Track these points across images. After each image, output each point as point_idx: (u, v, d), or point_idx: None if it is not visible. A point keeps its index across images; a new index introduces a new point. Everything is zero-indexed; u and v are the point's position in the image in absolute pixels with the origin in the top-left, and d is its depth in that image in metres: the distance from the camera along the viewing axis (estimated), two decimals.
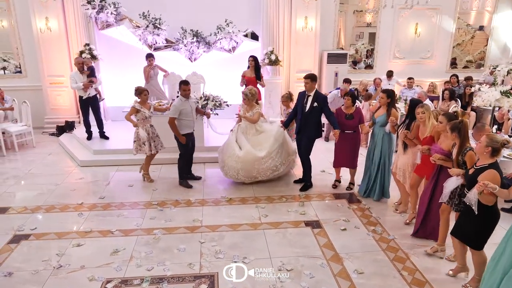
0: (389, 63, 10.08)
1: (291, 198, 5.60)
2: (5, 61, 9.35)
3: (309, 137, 5.66)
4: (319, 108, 5.49)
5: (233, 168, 5.77)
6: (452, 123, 3.72)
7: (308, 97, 5.53)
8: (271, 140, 5.79)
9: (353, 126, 5.53)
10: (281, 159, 5.87)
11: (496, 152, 3.25)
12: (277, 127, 5.93)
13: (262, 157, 5.68)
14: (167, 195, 5.71)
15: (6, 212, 5.26)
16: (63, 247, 4.39)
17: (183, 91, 5.75)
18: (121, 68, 8.93)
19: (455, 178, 3.67)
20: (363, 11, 10.12)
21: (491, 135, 3.33)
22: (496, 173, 3.19)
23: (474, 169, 3.37)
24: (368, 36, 10.33)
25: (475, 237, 3.43)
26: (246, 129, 5.92)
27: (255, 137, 5.87)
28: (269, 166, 5.77)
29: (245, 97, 5.92)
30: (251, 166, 5.70)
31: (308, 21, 8.80)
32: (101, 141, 7.65)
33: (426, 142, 4.39)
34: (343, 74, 9.39)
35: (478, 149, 3.32)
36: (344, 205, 5.38)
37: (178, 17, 8.66)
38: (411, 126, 4.69)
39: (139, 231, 4.73)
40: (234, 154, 5.70)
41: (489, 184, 3.02)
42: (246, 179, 5.88)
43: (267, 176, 5.88)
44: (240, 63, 8.35)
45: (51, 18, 8.19)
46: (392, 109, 5.09)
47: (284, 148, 5.93)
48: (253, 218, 5.00)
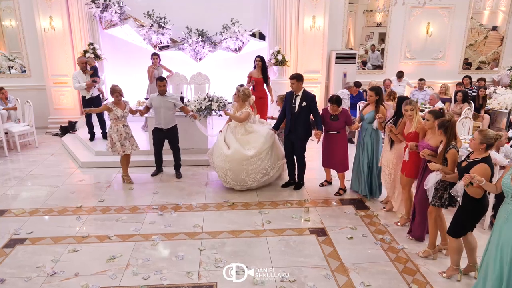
0: (400, 63, 9.80)
1: (296, 203, 5.40)
2: (11, 61, 9.31)
3: (301, 137, 5.59)
4: (307, 108, 5.43)
5: (221, 169, 5.61)
6: (441, 120, 3.74)
7: (296, 97, 5.47)
8: (261, 140, 5.61)
9: (338, 127, 5.46)
10: (270, 162, 5.68)
11: (490, 147, 3.32)
12: (268, 128, 5.82)
13: (251, 156, 5.49)
14: (168, 199, 5.54)
15: (4, 215, 5.14)
16: (59, 252, 4.25)
17: (157, 87, 5.91)
18: (126, 68, 8.81)
19: (435, 174, 3.72)
20: (373, 10, 9.87)
21: (484, 131, 3.34)
22: (487, 167, 3.24)
23: (467, 162, 3.40)
24: (378, 36, 10.08)
25: (457, 223, 3.52)
26: (235, 129, 5.76)
27: (244, 137, 5.69)
28: (258, 168, 5.57)
29: (237, 92, 5.79)
30: (239, 166, 5.50)
31: (316, 20, 8.57)
32: (104, 142, 7.49)
33: (410, 137, 4.39)
34: (351, 75, 9.17)
35: (473, 146, 3.36)
36: (351, 211, 5.16)
37: (183, 16, 8.50)
38: (398, 123, 4.68)
39: (138, 236, 4.56)
40: (222, 153, 5.57)
41: (476, 177, 3.06)
42: (235, 184, 5.66)
43: (257, 181, 5.66)
44: (246, 63, 8.16)
45: (55, 17, 8.10)
46: (380, 106, 5.09)
47: (274, 151, 5.75)
48: (255, 225, 4.80)
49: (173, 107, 6.06)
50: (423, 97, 8.62)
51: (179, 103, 6.17)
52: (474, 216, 3.47)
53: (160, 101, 5.94)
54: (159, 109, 5.97)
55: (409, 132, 4.45)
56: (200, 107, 6.62)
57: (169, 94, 6.11)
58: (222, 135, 5.81)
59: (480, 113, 8.05)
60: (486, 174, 3.19)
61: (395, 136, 4.68)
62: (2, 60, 9.19)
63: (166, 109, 5.97)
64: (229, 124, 5.87)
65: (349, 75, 9.14)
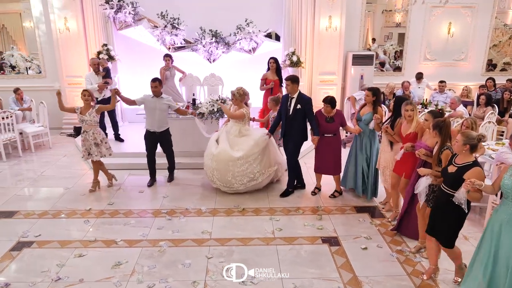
0: (419, 65, 9.47)
1: (309, 210, 5.21)
2: (28, 62, 9.40)
3: (295, 141, 5.45)
4: (302, 111, 5.29)
5: (209, 168, 5.55)
6: (435, 121, 3.72)
7: (292, 100, 5.33)
8: (251, 143, 5.45)
9: (334, 129, 5.35)
10: (259, 168, 5.49)
11: (474, 148, 3.29)
12: (262, 132, 5.70)
13: (237, 158, 5.35)
14: (177, 203, 5.43)
15: (14, 216, 5.13)
16: (65, 257, 4.18)
17: (150, 88, 5.74)
18: (139, 69, 8.78)
19: (425, 178, 3.74)
20: (392, 10, 9.58)
21: (466, 132, 3.33)
22: (481, 170, 3.24)
23: (456, 167, 3.34)
24: (397, 37, 9.78)
25: (450, 236, 3.49)
26: (230, 128, 5.65)
27: (237, 138, 5.55)
28: (245, 172, 5.41)
29: (232, 96, 5.65)
30: (225, 166, 5.38)
31: (333, 20, 8.36)
32: (116, 144, 7.49)
33: (409, 138, 4.35)
34: (369, 76, 8.91)
35: (457, 148, 3.34)
36: (366, 220, 4.94)
37: (197, 17, 8.42)
38: (396, 123, 4.63)
39: (145, 242, 4.46)
40: (210, 152, 5.52)
41: (476, 182, 3.04)
42: (221, 185, 5.54)
43: (244, 185, 5.50)
44: (260, 65, 7.98)
45: (70, 18, 8.11)
46: (378, 107, 5.06)
47: (265, 157, 5.55)
48: (266, 232, 4.64)
49: (167, 109, 5.88)
50: (444, 100, 8.30)
51: (174, 105, 5.94)
52: (463, 220, 3.46)
53: (155, 103, 5.76)
54: (153, 111, 5.77)
55: (408, 133, 4.38)
56: (212, 109, 6.50)
57: (164, 96, 5.90)
58: (217, 134, 5.74)
59: (504, 117, 7.68)
60: (482, 177, 3.18)
61: (391, 137, 4.67)
62: (19, 61, 9.30)
63: (161, 111, 5.79)
64: (227, 124, 5.77)
65: (366, 77, 8.89)
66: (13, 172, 6.67)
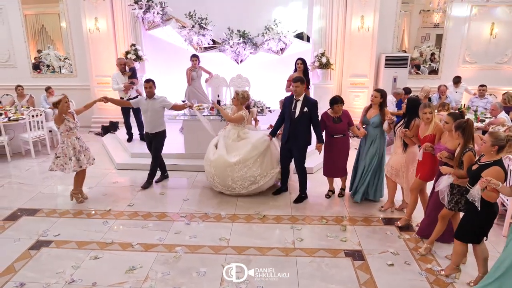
0: (458, 68, 8.93)
1: (333, 219, 4.94)
2: (62, 61, 9.61)
3: (300, 146, 5.25)
4: (309, 114, 5.09)
5: (209, 173, 5.48)
6: (458, 122, 3.67)
7: (297, 102, 5.10)
8: (248, 147, 5.31)
9: (342, 129, 5.24)
10: (260, 170, 5.33)
11: (502, 149, 3.25)
12: (261, 134, 5.53)
13: (234, 163, 5.22)
14: (197, 207, 5.31)
15: (36, 214, 5.18)
16: (80, 258, 4.14)
17: (144, 89, 5.70)
18: (167, 69, 8.77)
19: (446, 177, 3.71)
20: (430, 10, 9.09)
21: (495, 133, 3.29)
22: (500, 170, 3.20)
23: (478, 165, 3.34)
24: (435, 38, 9.27)
25: (475, 232, 3.44)
26: (229, 132, 5.54)
27: (235, 143, 5.43)
28: (244, 176, 5.28)
29: (236, 95, 5.52)
30: (224, 172, 5.28)
31: (365, 20, 8.01)
32: (141, 144, 7.47)
33: (428, 139, 4.28)
34: (402, 79, 8.48)
35: (484, 148, 3.30)
36: (394, 233, 4.61)
37: (225, 17, 8.31)
38: (411, 125, 4.56)
39: (161, 246, 4.36)
40: (208, 158, 5.44)
41: (492, 180, 3.00)
42: (223, 189, 5.47)
43: (246, 189, 5.37)
44: (289, 66, 7.72)
45: (100, 19, 8.21)
46: (385, 109, 5.01)
47: (266, 159, 5.39)
48: (286, 242, 4.42)
49: (161, 110, 5.76)
50: (484, 106, 7.76)
51: (169, 103, 5.80)
52: (483, 221, 3.39)
53: (147, 104, 5.70)
54: (145, 113, 5.75)
55: (425, 135, 4.32)
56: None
57: (157, 96, 5.76)
58: (216, 138, 5.63)
59: None
60: (500, 177, 3.14)
61: (410, 140, 4.58)
62: (54, 60, 9.53)
63: (153, 113, 5.69)
64: (226, 128, 5.65)
65: (399, 80, 8.46)
66: (41, 170, 6.78)
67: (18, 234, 4.65)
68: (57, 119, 5.09)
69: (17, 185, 6.13)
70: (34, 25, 9.36)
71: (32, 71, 9.36)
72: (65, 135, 5.17)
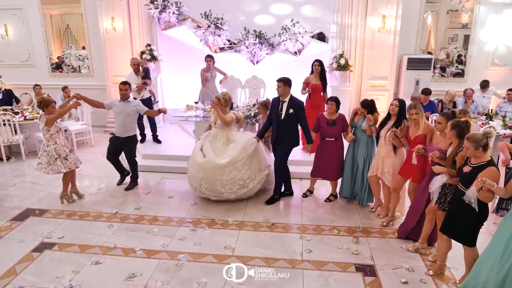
0: (485, 71, 8.44)
1: (345, 230, 4.67)
2: (81, 61, 9.68)
3: (286, 146, 5.22)
4: (295, 116, 5.05)
5: (195, 178, 5.22)
6: (455, 121, 3.63)
7: (283, 103, 5.07)
8: (238, 149, 5.17)
9: (336, 133, 5.16)
10: (249, 173, 5.19)
11: (486, 147, 3.27)
12: (250, 136, 5.43)
13: (224, 165, 5.05)
14: (204, 212, 5.15)
15: (43, 215, 5.14)
16: (81, 263, 4.04)
17: (119, 91, 5.56)
18: (182, 69, 8.69)
19: (440, 177, 3.69)
20: (459, 10, 8.64)
21: (472, 137, 3.28)
22: (496, 170, 3.21)
23: (471, 167, 3.33)
24: (462, 39, 8.82)
25: (470, 234, 3.43)
26: (216, 137, 5.36)
27: (224, 146, 5.28)
28: (234, 179, 5.11)
29: (217, 101, 5.32)
30: (213, 175, 5.07)
31: (387, 21, 7.67)
32: (153, 145, 7.41)
33: (417, 141, 4.25)
34: (426, 82, 8.06)
35: (470, 153, 3.31)
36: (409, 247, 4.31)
37: (241, 17, 8.14)
38: (402, 127, 4.50)
39: (164, 253, 4.21)
40: (195, 161, 5.21)
41: (487, 181, 3.02)
42: (210, 194, 5.23)
43: (235, 193, 5.19)
44: (306, 67, 7.48)
45: (117, 18, 8.18)
46: (375, 113, 4.88)
47: (255, 161, 5.26)
48: (293, 253, 4.19)
49: (134, 114, 5.66)
50: None
51: (143, 108, 5.72)
52: (483, 220, 3.39)
53: (120, 107, 5.56)
54: (118, 115, 5.59)
55: (416, 135, 4.29)
56: (249, 114, 6.18)
57: (132, 100, 5.67)
58: (200, 143, 5.44)
59: None
60: (495, 178, 3.15)
61: (399, 141, 4.51)
62: (73, 60, 9.60)
63: (126, 116, 5.56)
64: (209, 132, 5.48)
65: (422, 83, 8.05)
66: None
67: (23, 235, 4.61)
68: (50, 121, 5.06)
69: (29, 185, 6.13)
70: (59, 25, 9.48)
71: (52, 71, 9.46)
72: (56, 136, 5.17)
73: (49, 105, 5.07)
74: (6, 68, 9.32)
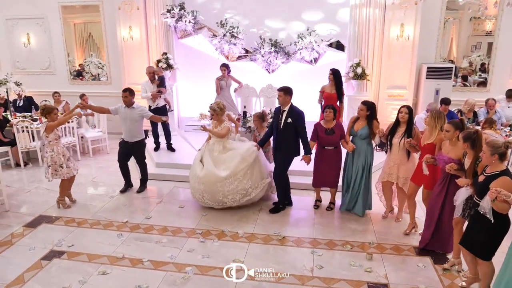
0: (510, 80, 8.13)
1: (358, 246, 4.51)
2: (100, 69, 9.83)
3: (285, 155, 5.19)
4: (293, 125, 5.02)
5: (197, 190, 5.27)
6: (466, 133, 3.57)
7: (283, 113, 5.08)
8: (237, 159, 5.17)
9: (334, 141, 5.14)
10: (251, 182, 5.20)
11: (503, 156, 3.19)
12: (249, 145, 5.40)
13: (225, 178, 5.06)
14: (215, 223, 5.07)
15: (55, 222, 5.17)
16: (89, 273, 4.02)
17: (122, 98, 5.66)
18: (197, 78, 8.70)
19: (465, 189, 3.59)
20: (482, 17, 8.37)
21: (491, 142, 3.26)
22: (509, 180, 3.12)
23: (484, 176, 3.27)
24: (486, 47, 8.54)
25: (482, 247, 3.35)
26: (213, 146, 5.36)
27: (221, 155, 5.27)
28: (236, 189, 5.12)
29: (213, 112, 5.38)
30: (214, 187, 5.10)
31: (405, 29, 7.49)
32: (167, 153, 7.40)
33: (426, 148, 4.25)
34: (446, 91, 7.80)
35: (485, 159, 3.25)
36: (428, 265, 4.10)
37: (256, 25, 8.10)
38: (412, 133, 4.55)
39: (171, 265, 4.14)
40: (196, 174, 5.22)
41: (502, 191, 2.92)
42: (214, 204, 5.26)
43: (238, 202, 5.22)
44: (322, 76, 7.36)
45: (134, 27, 8.27)
46: (374, 121, 4.93)
47: (255, 170, 5.26)
48: (303, 269, 4.05)
49: (140, 119, 5.77)
50: None
51: (148, 114, 5.87)
52: (501, 233, 3.27)
53: (126, 113, 5.69)
54: (124, 121, 5.74)
55: (426, 143, 4.28)
56: None
57: (136, 106, 5.77)
58: (200, 154, 5.44)
59: None
60: (509, 187, 3.03)
61: (414, 148, 4.54)
62: (92, 68, 9.76)
63: (132, 122, 5.70)
64: (208, 142, 5.46)
65: (442, 92, 7.80)
66: None
67: (34, 242, 4.63)
68: (50, 128, 5.22)
69: (43, 191, 6.20)
70: (82, 33, 9.68)
71: (72, 78, 9.64)
72: (54, 143, 5.30)
73: (51, 112, 5.27)
74: (27, 76, 9.55)
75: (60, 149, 5.36)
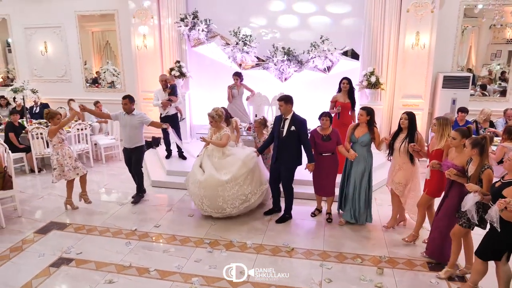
0: None
1: (369, 259, 4.38)
2: (115, 76, 9.97)
3: (288, 166, 5.15)
4: (296, 133, 4.99)
5: (196, 196, 5.22)
6: (474, 139, 3.56)
7: (285, 121, 5.06)
8: (238, 164, 5.16)
9: (331, 148, 5.14)
10: (251, 188, 5.19)
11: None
12: (249, 151, 5.41)
13: (226, 181, 5.02)
14: (223, 233, 5.01)
15: (65, 229, 5.20)
16: (96, 281, 4.01)
17: (122, 105, 5.70)
18: (210, 86, 8.71)
19: (472, 195, 3.50)
20: (503, 25, 8.18)
21: None
22: None
23: (501, 182, 3.23)
24: (507, 55, 8.34)
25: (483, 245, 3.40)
26: (212, 152, 5.33)
27: (220, 161, 5.25)
28: (236, 194, 5.08)
29: (211, 119, 5.35)
30: (215, 192, 5.04)
31: (421, 37, 7.36)
32: (178, 161, 7.41)
33: (434, 155, 4.26)
34: (463, 101, 7.63)
35: (508, 166, 3.22)
36: (441, 282, 3.96)
37: (269, 34, 8.09)
38: (415, 139, 4.60)
39: (177, 275, 4.10)
40: (196, 179, 5.17)
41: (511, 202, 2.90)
42: (213, 211, 5.21)
43: (237, 208, 5.16)
44: (334, 85, 7.29)
45: (148, 36, 8.37)
46: (375, 128, 4.98)
47: (255, 176, 5.27)
48: (311, 282, 3.95)
49: (140, 125, 5.80)
50: None
51: (147, 120, 5.85)
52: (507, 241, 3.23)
53: (126, 120, 5.74)
54: (124, 128, 5.82)
55: (434, 149, 4.29)
56: None
57: (136, 112, 5.80)
58: (199, 159, 5.41)
59: None
60: None
61: (417, 153, 4.58)
62: (108, 75, 9.90)
63: (132, 128, 5.74)
64: (207, 148, 5.44)
65: (459, 102, 7.63)
66: None
67: (43, 249, 4.65)
68: (52, 132, 5.41)
69: (55, 197, 6.26)
70: (100, 41, 9.88)
71: (88, 85, 9.80)
72: (58, 146, 5.50)
73: (54, 117, 5.46)
74: (44, 83, 9.76)
75: (65, 151, 5.54)
